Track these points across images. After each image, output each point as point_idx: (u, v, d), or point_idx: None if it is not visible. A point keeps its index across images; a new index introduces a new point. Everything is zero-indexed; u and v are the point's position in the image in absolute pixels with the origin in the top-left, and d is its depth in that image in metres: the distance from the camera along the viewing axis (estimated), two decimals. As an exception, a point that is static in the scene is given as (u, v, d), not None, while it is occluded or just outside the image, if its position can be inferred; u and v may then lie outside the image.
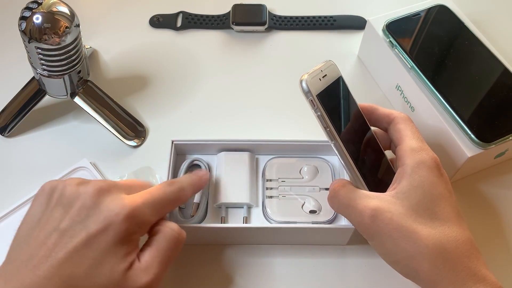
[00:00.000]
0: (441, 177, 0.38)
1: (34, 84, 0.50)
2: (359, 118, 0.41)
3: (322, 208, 0.44)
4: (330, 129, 0.38)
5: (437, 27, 0.52)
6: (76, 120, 0.52)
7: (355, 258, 0.44)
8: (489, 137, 0.44)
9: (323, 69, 0.39)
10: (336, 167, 0.47)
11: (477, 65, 0.49)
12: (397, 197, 0.37)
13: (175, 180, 0.40)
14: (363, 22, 0.58)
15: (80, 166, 0.48)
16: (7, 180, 0.48)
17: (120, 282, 0.33)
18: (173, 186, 0.39)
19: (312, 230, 0.42)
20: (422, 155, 0.38)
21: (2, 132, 0.51)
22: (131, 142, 0.50)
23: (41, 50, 0.44)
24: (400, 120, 0.41)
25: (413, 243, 0.35)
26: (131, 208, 0.35)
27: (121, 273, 0.33)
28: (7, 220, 0.45)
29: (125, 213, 0.34)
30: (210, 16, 0.61)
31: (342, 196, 0.39)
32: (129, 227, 0.34)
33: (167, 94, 0.55)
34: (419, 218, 0.36)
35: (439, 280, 0.34)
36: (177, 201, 0.39)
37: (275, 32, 0.60)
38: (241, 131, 0.52)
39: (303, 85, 0.38)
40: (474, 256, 0.35)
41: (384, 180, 0.40)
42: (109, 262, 0.33)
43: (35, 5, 0.43)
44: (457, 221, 0.36)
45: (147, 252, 0.36)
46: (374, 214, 0.36)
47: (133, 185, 0.38)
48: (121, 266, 0.34)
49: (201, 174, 0.42)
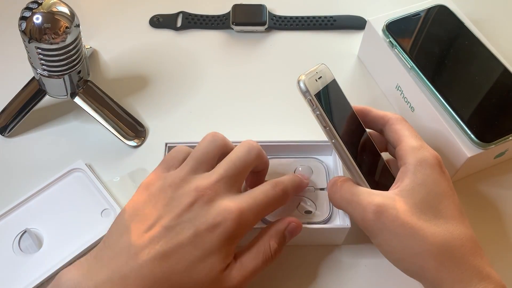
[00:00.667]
0: (443, 175, 0.38)
1: (34, 84, 0.50)
2: (355, 120, 0.42)
3: (317, 208, 0.44)
4: (329, 128, 0.39)
5: (437, 27, 0.52)
6: (76, 120, 0.52)
7: (351, 258, 0.44)
8: (489, 137, 0.44)
9: (317, 71, 0.40)
10: (330, 167, 0.47)
11: (477, 65, 0.49)
12: (401, 194, 0.37)
13: (279, 181, 0.40)
14: (363, 22, 0.58)
15: (74, 168, 0.48)
16: (7, 180, 0.48)
17: (217, 280, 0.35)
18: (277, 188, 0.39)
19: (308, 231, 0.42)
20: (423, 153, 0.38)
21: (2, 132, 0.51)
22: (131, 142, 0.50)
23: (41, 50, 0.44)
24: (396, 121, 0.41)
25: (419, 241, 0.35)
26: (238, 212, 0.36)
27: (219, 272, 0.35)
28: (7, 219, 0.45)
29: (232, 217, 0.35)
30: (210, 16, 0.61)
31: (345, 191, 0.39)
32: (234, 230, 0.35)
33: (167, 94, 0.55)
34: (424, 215, 0.36)
35: (445, 278, 0.34)
36: (279, 203, 0.40)
37: (275, 32, 0.60)
38: (242, 131, 0.52)
39: (301, 85, 0.38)
40: (478, 254, 0.35)
41: (382, 181, 0.40)
42: (210, 262, 0.35)
43: (35, 5, 0.43)
44: (461, 219, 0.37)
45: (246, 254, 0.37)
46: (379, 211, 0.36)
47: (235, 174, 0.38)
48: (220, 266, 0.35)
49: (303, 178, 0.43)
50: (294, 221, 0.40)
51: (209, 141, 0.40)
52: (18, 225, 0.45)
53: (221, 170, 0.38)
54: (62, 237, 0.44)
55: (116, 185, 0.48)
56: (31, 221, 0.45)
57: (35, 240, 0.44)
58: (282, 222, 0.39)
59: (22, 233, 0.44)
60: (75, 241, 0.44)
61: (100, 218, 0.45)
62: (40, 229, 0.44)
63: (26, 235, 0.44)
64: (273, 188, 0.39)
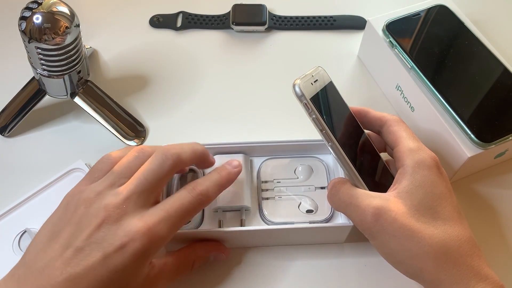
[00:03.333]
0: (441, 176, 0.38)
1: (34, 84, 0.50)
2: (353, 121, 0.42)
3: (319, 207, 0.44)
4: (326, 131, 0.39)
5: (437, 27, 0.52)
6: (76, 120, 0.52)
7: (354, 255, 0.44)
8: (489, 137, 0.44)
9: (313, 74, 0.40)
10: (330, 165, 0.47)
11: (477, 65, 0.49)
12: (399, 196, 0.37)
13: (197, 183, 0.38)
14: (363, 22, 0.58)
15: (75, 168, 0.48)
16: (8, 180, 0.48)
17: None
18: (193, 192, 0.37)
19: (310, 230, 0.42)
20: (421, 154, 0.38)
21: (2, 132, 0.51)
22: (131, 142, 0.50)
23: (41, 50, 0.44)
24: (393, 123, 0.41)
25: (417, 242, 0.35)
26: (145, 231, 0.35)
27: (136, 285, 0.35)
28: (6, 219, 0.45)
29: (139, 236, 0.34)
30: (210, 16, 0.61)
31: (343, 194, 0.39)
32: (144, 248, 0.35)
33: (167, 94, 0.55)
34: (422, 217, 0.36)
35: (443, 279, 0.34)
36: (198, 208, 0.38)
37: (275, 32, 0.60)
38: (241, 130, 0.52)
39: (296, 89, 0.38)
40: (476, 255, 0.35)
41: (381, 182, 0.40)
42: (124, 279, 0.34)
43: (35, 5, 0.43)
44: (459, 220, 0.37)
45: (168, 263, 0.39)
46: (378, 213, 0.36)
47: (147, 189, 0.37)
48: (137, 280, 0.35)
49: (230, 169, 0.40)
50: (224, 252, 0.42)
51: (134, 156, 0.38)
52: (18, 225, 0.45)
53: (132, 186, 0.36)
54: (62, 237, 0.44)
55: (116, 185, 0.48)
56: (31, 221, 0.45)
57: (35, 240, 0.44)
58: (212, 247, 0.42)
59: (22, 233, 0.44)
60: (75, 241, 0.44)
61: (100, 218, 0.45)
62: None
63: (26, 235, 0.44)
64: (190, 193, 0.37)
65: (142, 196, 0.36)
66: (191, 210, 0.37)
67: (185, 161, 0.39)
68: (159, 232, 0.35)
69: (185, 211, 0.37)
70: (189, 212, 0.37)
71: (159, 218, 0.36)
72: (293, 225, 0.42)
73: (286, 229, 0.42)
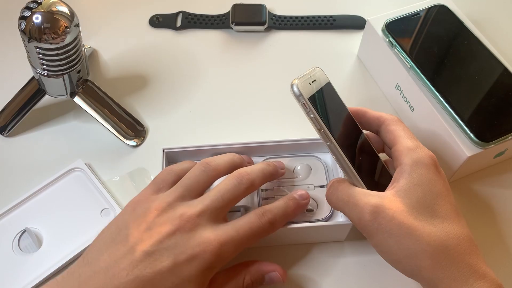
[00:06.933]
0: (439, 175, 0.38)
1: (34, 84, 0.50)
2: (351, 121, 0.42)
3: (319, 206, 0.44)
4: (324, 130, 0.39)
5: (436, 27, 0.52)
6: (75, 119, 0.52)
7: (354, 253, 0.44)
8: (488, 136, 0.44)
9: (311, 74, 0.40)
10: (329, 164, 0.47)
11: (477, 65, 0.49)
12: (397, 194, 0.37)
13: (267, 210, 0.39)
14: (363, 22, 0.58)
15: (74, 167, 0.48)
16: (7, 179, 0.48)
17: None
18: (263, 219, 0.38)
19: (310, 229, 0.42)
20: (419, 153, 0.39)
21: (2, 131, 0.51)
22: (131, 141, 0.51)
23: (40, 49, 0.44)
24: (391, 122, 0.41)
25: (415, 241, 0.35)
26: (217, 244, 0.36)
27: None
28: (6, 219, 0.45)
29: (211, 249, 0.35)
30: (210, 16, 0.61)
31: (342, 193, 0.39)
32: (212, 262, 0.35)
33: (167, 94, 0.55)
34: (420, 215, 0.36)
35: (442, 278, 0.34)
36: (264, 235, 0.39)
37: (274, 32, 0.60)
38: (241, 130, 0.52)
39: (294, 89, 0.39)
40: (474, 253, 0.35)
41: (380, 181, 0.40)
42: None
43: (34, 5, 0.43)
44: (457, 218, 0.37)
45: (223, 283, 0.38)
46: (376, 211, 0.36)
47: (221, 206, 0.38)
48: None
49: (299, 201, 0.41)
50: (279, 271, 0.40)
51: (201, 171, 0.40)
52: (18, 224, 0.45)
53: (208, 201, 0.38)
54: (61, 236, 0.44)
55: (115, 184, 0.48)
56: (31, 220, 0.45)
57: (34, 239, 0.44)
58: (268, 266, 0.40)
59: (21, 233, 0.44)
60: (74, 241, 0.44)
61: (99, 218, 0.45)
62: (40, 229, 0.45)
63: (26, 235, 0.44)
64: (259, 219, 0.38)
65: (215, 212, 0.37)
66: (256, 235, 0.38)
67: (257, 186, 0.40)
68: (228, 249, 0.36)
69: (252, 235, 0.38)
70: (254, 237, 0.38)
71: (230, 236, 0.37)
72: (293, 224, 0.42)
73: (287, 229, 0.42)
